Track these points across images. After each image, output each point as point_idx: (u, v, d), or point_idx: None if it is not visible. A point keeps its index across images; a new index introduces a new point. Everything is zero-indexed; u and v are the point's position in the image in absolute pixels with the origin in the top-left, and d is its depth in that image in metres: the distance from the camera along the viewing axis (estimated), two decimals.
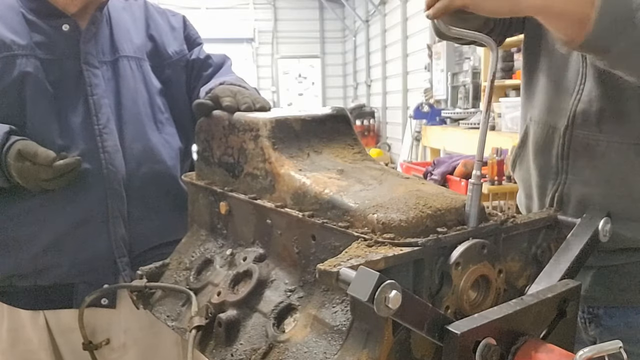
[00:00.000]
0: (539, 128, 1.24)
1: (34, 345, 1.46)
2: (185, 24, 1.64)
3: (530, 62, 1.30)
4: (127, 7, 1.56)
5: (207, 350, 0.96)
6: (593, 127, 1.11)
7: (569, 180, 1.17)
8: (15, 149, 1.26)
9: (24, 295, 1.43)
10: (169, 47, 1.56)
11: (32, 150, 1.26)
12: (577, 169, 1.15)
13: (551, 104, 1.21)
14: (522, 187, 1.37)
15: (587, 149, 1.13)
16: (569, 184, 1.17)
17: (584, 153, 1.14)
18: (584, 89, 1.13)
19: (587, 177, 1.14)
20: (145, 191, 1.45)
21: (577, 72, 1.14)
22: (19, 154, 1.25)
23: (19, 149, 1.25)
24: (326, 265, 0.72)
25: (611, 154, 1.10)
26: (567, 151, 1.16)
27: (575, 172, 1.16)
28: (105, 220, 1.39)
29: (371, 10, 11.75)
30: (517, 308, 0.77)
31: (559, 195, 1.18)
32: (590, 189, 1.13)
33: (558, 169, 1.19)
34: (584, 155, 1.14)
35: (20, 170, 1.26)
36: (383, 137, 11.72)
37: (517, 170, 1.37)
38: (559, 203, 1.19)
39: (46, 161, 1.26)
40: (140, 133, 1.46)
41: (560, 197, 1.18)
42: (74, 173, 1.32)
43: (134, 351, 1.50)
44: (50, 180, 1.29)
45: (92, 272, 1.40)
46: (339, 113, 1.15)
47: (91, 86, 1.39)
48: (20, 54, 1.34)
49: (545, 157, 1.22)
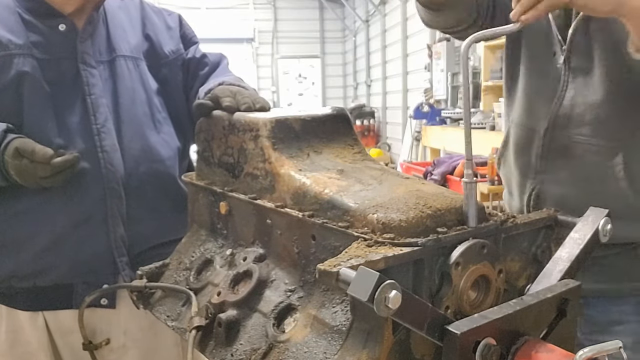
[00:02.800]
0: (519, 130, 1.31)
1: (33, 347, 1.45)
2: (181, 22, 1.64)
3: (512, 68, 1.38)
4: (123, 6, 1.55)
5: (207, 350, 0.96)
6: (573, 130, 1.18)
7: (547, 179, 1.24)
8: (13, 146, 1.26)
9: (23, 296, 1.43)
10: (165, 46, 1.56)
11: (30, 147, 1.26)
12: (555, 169, 1.23)
13: (531, 108, 1.28)
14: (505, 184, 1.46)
15: (566, 151, 1.20)
16: (547, 183, 1.24)
17: (562, 154, 1.21)
18: (565, 95, 1.20)
19: (564, 176, 1.21)
20: (144, 190, 1.44)
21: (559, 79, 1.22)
22: (16, 151, 1.25)
23: (16, 147, 1.25)
24: (326, 265, 0.72)
25: (588, 155, 1.17)
26: (546, 152, 1.24)
27: (553, 172, 1.23)
28: (104, 220, 1.39)
29: (371, 10, 11.75)
30: (517, 308, 0.77)
31: (537, 193, 1.26)
32: (567, 188, 1.21)
33: (537, 168, 1.26)
34: (562, 156, 1.21)
35: (18, 167, 1.26)
36: (383, 137, 11.73)
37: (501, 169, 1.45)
38: (536, 200, 1.26)
39: (44, 158, 1.25)
40: (139, 132, 1.45)
41: (537, 195, 1.26)
42: (72, 170, 1.32)
43: (133, 352, 1.49)
44: (48, 178, 1.28)
45: (92, 272, 1.40)
46: (339, 113, 1.15)
47: (88, 86, 1.39)
48: (17, 53, 1.34)
49: (525, 157, 1.29)
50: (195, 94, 1.53)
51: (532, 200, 1.27)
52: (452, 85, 7.51)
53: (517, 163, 1.33)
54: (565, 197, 1.20)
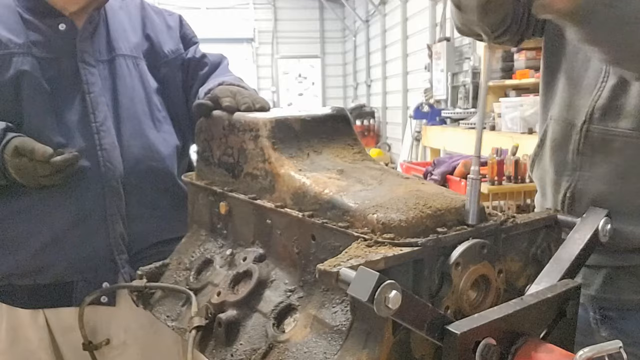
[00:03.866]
0: (557, 125, 1.24)
1: (33, 345, 1.46)
2: (182, 23, 1.65)
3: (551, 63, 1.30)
4: (123, 6, 1.56)
5: (207, 350, 0.96)
6: (611, 123, 1.11)
7: (583, 176, 1.16)
8: (12, 145, 1.26)
9: (23, 294, 1.43)
10: (165, 46, 1.56)
11: (30, 146, 1.26)
12: (592, 164, 1.15)
13: (571, 102, 1.21)
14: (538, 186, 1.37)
15: (604, 145, 1.13)
16: (583, 180, 1.16)
17: (600, 149, 1.13)
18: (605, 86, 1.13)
19: (602, 173, 1.13)
20: (144, 188, 1.45)
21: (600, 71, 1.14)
22: (15, 150, 1.26)
23: (15, 145, 1.26)
24: (326, 265, 0.72)
25: (627, 150, 1.09)
26: (583, 147, 1.16)
27: (591, 168, 1.15)
28: (104, 218, 1.39)
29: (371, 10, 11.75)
30: (517, 308, 0.77)
31: (572, 192, 1.18)
32: (605, 185, 1.12)
33: (573, 165, 1.18)
34: (600, 151, 1.13)
35: (17, 166, 1.27)
36: (383, 137, 11.73)
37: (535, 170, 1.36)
38: (571, 199, 1.18)
39: (43, 157, 1.26)
40: (138, 131, 1.46)
41: (573, 194, 1.18)
42: (72, 169, 1.32)
43: (134, 349, 1.50)
44: (48, 177, 1.29)
45: (91, 270, 1.40)
46: (339, 113, 1.15)
47: (88, 84, 1.39)
48: (17, 52, 1.35)
49: (562, 153, 1.21)
50: (195, 94, 1.53)
51: (566, 199, 1.19)
52: (452, 85, 7.51)
53: (552, 160, 1.25)
54: (602, 195, 1.13)
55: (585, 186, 1.15)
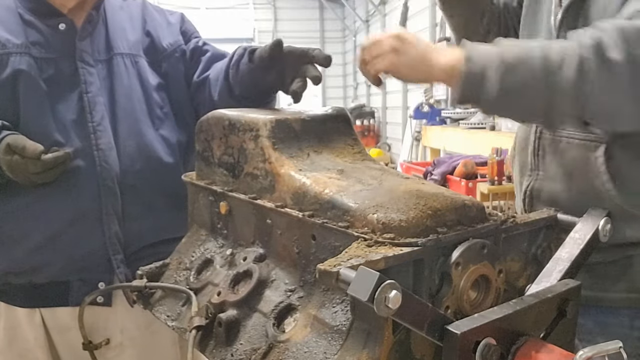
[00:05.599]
0: (522, 130, 1.33)
1: (30, 344, 1.46)
2: (183, 19, 1.65)
3: None
4: (124, 6, 1.57)
5: (207, 350, 0.96)
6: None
7: (540, 176, 1.25)
8: (5, 142, 1.27)
9: (19, 293, 1.44)
10: (164, 40, 1.56)
11: (21, 143, 1.27)
12: (545, 165, 1.24)
13: None
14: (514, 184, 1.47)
15: (553, 147, 1.21)
16: (540, 180, 1.25)
17: (550, 150, 1.22)
18: None
19: (553, 173, 1.21)
20: (140, 189, 1.44)
21: None
22: (7, 147, 1.26)
23: (8, 143, 1.27)
24: (326, 265, 0.72)
25: (571, 150, 1.17)
26: (538, 149, 1.25)
27: (544, 169, 1.24)
28: (99, 218, 1.39)
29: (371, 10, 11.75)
30: (517, 308, 0.77)
31: (530, 191, 1.26)
32: (556, 184, 1.21)
33: (531, 166, 1.27)
34: (550, 153, 1.22)
35: (9, 163, 1.27)
36: (383, 137, 11.73)
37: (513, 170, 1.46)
38: (530, 198, 1.27)
39: (34, 154, 1.26)
40: (135, 130, 1.45)
41: (531, 193, 1.26)
42: (63, 167, 1.32)
43: (131, 351, 1.50)
44: (39, 174, 1.29)
45: (87, 269, 1.40)
46: (339, 113, 1.15)
47: (86, 84, 1.40)
48: (14, 52, 1.35)
49: (524, 155, 1.31)
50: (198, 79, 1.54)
51: (526, 198, 1.28)
52: None
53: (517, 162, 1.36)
54: (555, 194, 1.20)
55: (541, 185, 1.24)
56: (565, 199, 1.17)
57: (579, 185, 1.16)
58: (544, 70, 0.94)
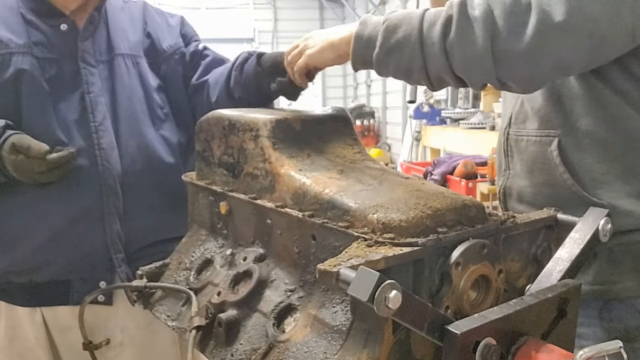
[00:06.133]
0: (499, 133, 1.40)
1: (31, 343, 1.46)
2: (183, 22, 1.66)
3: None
4: (125, 7, 1.58)
5: (207, 350, 0.96)
6: (520, 125, 1.26)
7: (510, 174, 1.32)
8: (10, 142, 1.28)
9: (20, 292, 1.44)
10: (164, 42, 1.57)
11: (26, 143, 1.28)
12: (512, 163, 1.31)
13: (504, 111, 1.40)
14: None
15: (517, 145, 1.28)
16: (510, 177, 1.31)
17: (515, 149, 1.29)
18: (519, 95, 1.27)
19: (519, 170, 1.28)
20: (141, 188, 1.45)
21: None
22: (12, 147, 1.27)
23: (12, 142, 1.27)
24: (326, 265, 0.72)
25: (530, 147, 1.23)
26: (507, 149, 1.32)
27: (512, 167, 1.31)
28: (101, 217, 1.40)
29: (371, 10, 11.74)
30: (517, 308, 0.77)
31: (504, 188, 1.33)
32: (522, 180, 1.27)
33: (503, 165, 1.34)
34: (515, 151, 1.29)
35: (14, 163, 1.28)
36: (383, 137, 11.72)
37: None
38: (504, 196, 1.34)
39: (39, 154, 1.27)
40: (136, 130, 1.46)
41: (504, 190, 1.33)
42: (68, 166, 1.33)
43: (131, 350, 1.50)
44: (44, 173, 1.30)
45: (88, 268, 1.41)
46: (339, 113, 1.15)
47: (87, 84, 1.41)
48: (17, 51, 1.36)
49: (499, 156, 1.39)
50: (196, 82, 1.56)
51: (502, 196, 1.35)
52: None
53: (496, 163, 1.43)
54: (522, 189, 1.27)
55: (511, 183, 1.31)
56: (530, 194, 1.24)
57: (540, 179, 1.21)
58: (419, 29, 1.02)
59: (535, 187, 1.23)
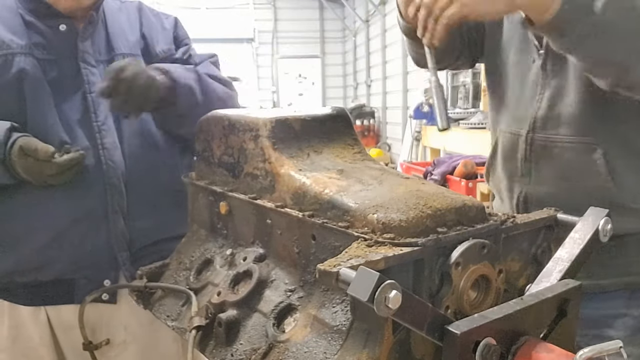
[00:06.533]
0: (506, 137, 1.37)
1: (35, 342, 1.46)
2: (176, 24, 1.65)
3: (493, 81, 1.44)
4: (122, 8, 1.58)
5: (207, 350, 0.96)
6: (551, 131, 1.23)
7: (532, 181, 1.29)
8: (17, 145, 1.28)
9: (24, 291, 1.44)
10: (157, 46, 1.57)
11: (33, 146, 1.28)
12: (538, 170, 1.27)
13: (515, 114, 1.34)
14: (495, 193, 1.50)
15: (546, 151, 1.25)
16: (532, 184, 1.29)
17: (543, 154, 1.26)
18: (543, 97, 1.25)
19: (547, 177, 1.25)
20: (145, 186, 1.45)
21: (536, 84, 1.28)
22: (21, 150, 1.27)
23: (20, 145, 1.27)
24: (326, 265, 0.72)
25: (566, 154, 1.21)
26: (529, 154, 1.28)
27: (537, 174, 1.28)
28: (105, 216, 1.40)
29: (371, 10, 11.75)
30: (517, 308, 0.77)
31: (524, 196, 1.31)
32: (550, 188, 1.25)
33: (523, 171, 1.31)
34: (543, 157, 1.26)
35: (24, 166, 1.28)
36: (383, 137, 11.72)
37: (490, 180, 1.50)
38: (524, 203, 1.31)
39: (46, 156, 1.28)
40: (139, 129, 1.47)
41: (525, 197, 1.31)
42: (79, 167, 1.34)
43: (134, 348, 1.50)
44: (55, 175, 1.31)
45: (92, 267, 1.41)
46: (339, 113, 1.15)
47: (89, 84, 1.41)
48: (19, 52, 1.36)
49: (512, 162, 1.34)
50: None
51: (520, 203, 1.32)
52: (452, 85, 7.50)
53: (504, 169, 1.38)
54: (550, 196, 1.24)
55: (534, 190, 1.28)
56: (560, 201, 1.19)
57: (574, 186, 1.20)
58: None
59: (569, 193, 1.19)
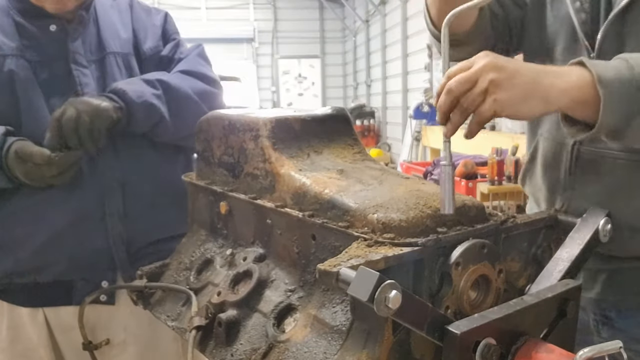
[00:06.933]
0: (548, 143, 1.25)
1: (33, 343, 1.46)
2: (166, 20, 1.63)
3: None
4: (114, 5, 1.56)
5: (207, 350, 0.96)
6: (600, 144, 1.11)
7: (576, 195, 1.18)
8: (13, 150, 1.27)
9: (23, 293, 1.44)
10: (145, 43, 1.55)
11: (28, 151, 1.27)
12: (583, 184, 1.17)
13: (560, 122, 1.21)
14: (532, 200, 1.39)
15: (594, 165, 1.14)
16: (575, 199, 1.18)
17: (590, 169, 1.15)
18: None
19: (594, 192, 1.15)
20: (142, 187, 1.45)
21: None
22: (17, 155, 1.27)
23: (15, 151, 1.27)
24: (326, 265, 0.72)
25: (617, 170, 1.11)
26: (574, 167, 1.17)
27: (582, 188, 1.17)
28: (102, 217, 1.40)
29: (371, 10, 11.74)
30: (517, 308, 0.77)
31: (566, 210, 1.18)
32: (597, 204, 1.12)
33: (566, 184, 1.20)
34: (590, 171, 1.15)
35: (24, 171, 1.28)
36: (383, 137, 11.72)
37: (527, 185, 1.38)
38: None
39: (42, 160, 1.27)
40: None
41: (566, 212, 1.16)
42: (77, 166, 1.33)
43: (133, 348, 1.50)
44: (56, 176, 1.30)
45: (91, 268, 1.41)
46: (339, 113, 1.15)
47: (81, 85, 1.40)
48: (10, 54, 1.35)
49: (554, 172, 1.23)
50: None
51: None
52: None
53: (545, 178, 1.28)
54: None
55: (578, 204, 1.16)
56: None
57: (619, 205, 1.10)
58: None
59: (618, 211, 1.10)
